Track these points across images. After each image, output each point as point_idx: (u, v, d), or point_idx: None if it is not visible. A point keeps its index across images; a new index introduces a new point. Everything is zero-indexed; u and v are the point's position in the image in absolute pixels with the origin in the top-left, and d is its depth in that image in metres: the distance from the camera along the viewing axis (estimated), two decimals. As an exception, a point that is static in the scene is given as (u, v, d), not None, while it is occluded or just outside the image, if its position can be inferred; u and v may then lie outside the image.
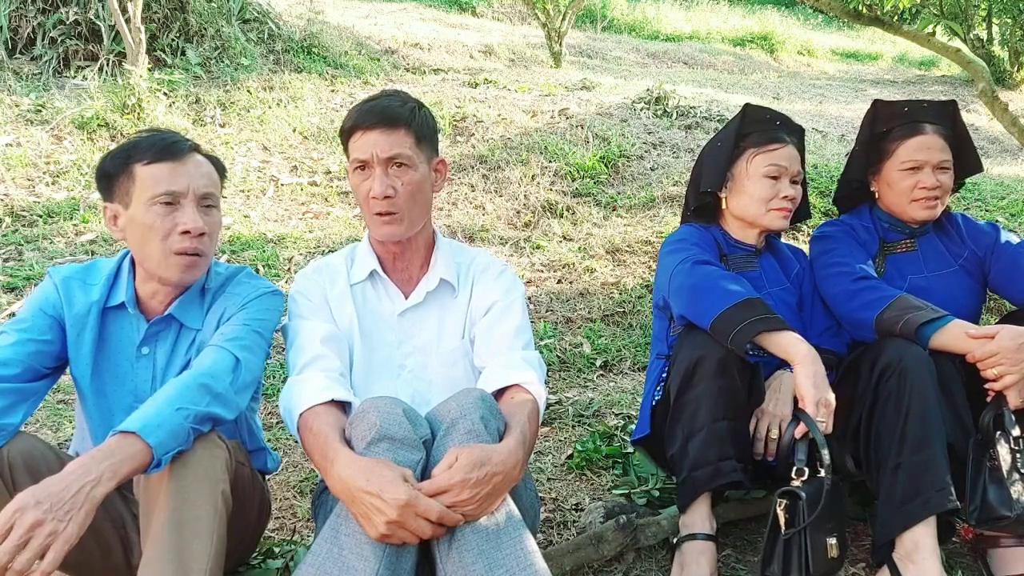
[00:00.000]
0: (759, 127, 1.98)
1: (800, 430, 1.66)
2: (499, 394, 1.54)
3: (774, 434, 1.79)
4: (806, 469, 1.65)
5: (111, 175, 1.55)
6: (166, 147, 1.53)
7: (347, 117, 1.65)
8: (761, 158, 1.94)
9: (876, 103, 2.10)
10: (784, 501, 1.63)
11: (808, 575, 1.59)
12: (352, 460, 1.32)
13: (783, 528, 1.61)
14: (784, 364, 1.78)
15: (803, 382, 1.64)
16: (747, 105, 2.03)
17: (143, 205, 1.51)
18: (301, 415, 1.46)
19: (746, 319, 1.68)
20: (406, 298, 1.71)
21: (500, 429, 1.42)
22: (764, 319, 1.69)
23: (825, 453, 1.61)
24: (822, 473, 1.64)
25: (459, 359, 1.70)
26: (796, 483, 1.64)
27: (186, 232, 1.51)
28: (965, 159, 2.06)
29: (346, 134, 1.65)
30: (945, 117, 2.04)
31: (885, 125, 2.06)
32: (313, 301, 1.68)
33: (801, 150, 2.02)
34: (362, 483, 1.27)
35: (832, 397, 1.66)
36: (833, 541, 1.62)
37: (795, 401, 1.70)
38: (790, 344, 1.68)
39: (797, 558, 1.60)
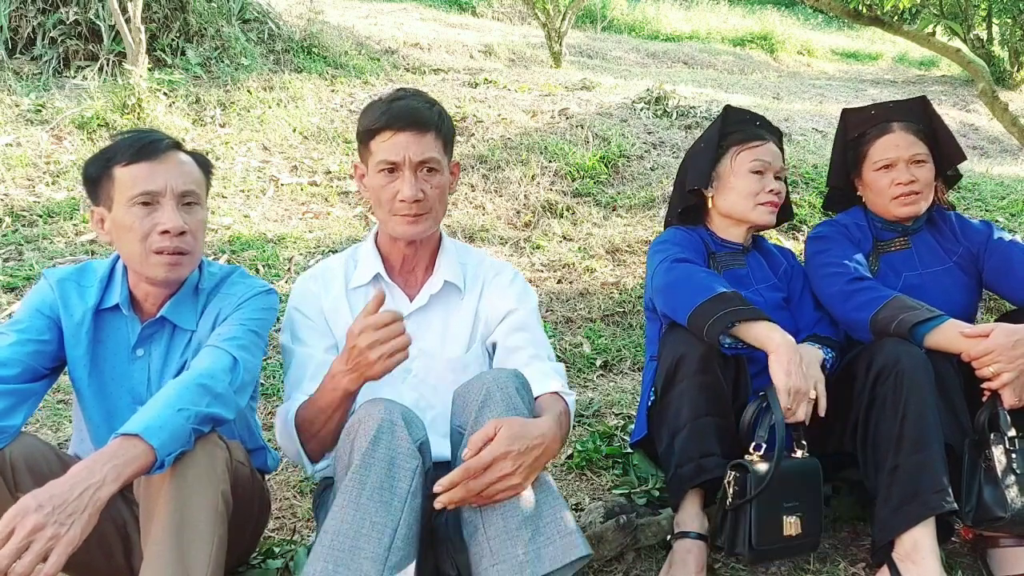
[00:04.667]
0: (740, 127, 2.03)
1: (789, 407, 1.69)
2: None
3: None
4: (764, 445, 1.70)
5: (94, 179, 1.55)
6: (143, 147, 1.52)
7: (371, 116, 1.62)
8: (745, 154, 1.98)
9: (844, 112, 2.18)
10: (735, 473, 1.68)
11: (751, 547, 1.65)
12: (337, 363, 1.45)
13: (730, 500, 1.68)
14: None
15: (776, 370, 1.67)
16: (727, 106, 2.08)
17: (123, 206, 1.51)
18: (297, 419, 1.51)
19: (720, 311, 1.71)
20: (410, 301, 1.71)
21: (531, 406, 1.44)
22: (738, 310, 1.71)
23: (782, 437, 1.65)
24: (793, 455, 1.72)
25: (470, 364, 1.69)
26: (751, 458, 1.69)
27: (165, 232, 1.51)
28: (945, 150, 2.09)
29: (371, 134, 1.62)
30: (915, 114, 2.08)
31: (856, 131, 2.12)
32: (310, 318, 1.67)
33: (781, 150, 2.06)
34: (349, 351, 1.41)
35: (805, 386, 1.68)
36: (792, 519, 1.68)
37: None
38: (765, 334, 1.71)
39: (743, 530, 1.66)
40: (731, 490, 1.68)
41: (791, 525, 1.68)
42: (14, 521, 1.15)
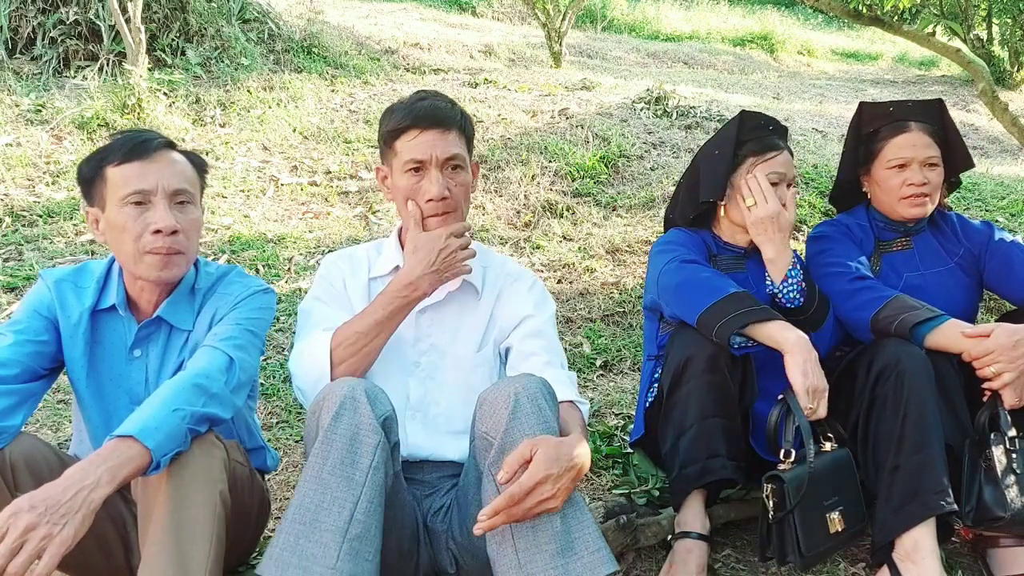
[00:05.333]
0: (755, 134, 1.97)
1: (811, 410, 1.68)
2: None
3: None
4: (793, 451, 1.69)
5: (88, 179, 1.55)
6: (135, 146, 1.52)
7: (394, 118, 1.65)
8: (762, 167, 1.93)
9: (862, 105, 2.14)
10: (771, 485, 1.67)
11: (802, 555, 1.63)
12: (402, 277, 1.58)
13: (771, 512, 1.66)
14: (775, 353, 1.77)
15: (793, 370, 1.66)
16: (743, 112, 2.02)
17: (116, 206, 1.51)
18: (332, 342, 1.55)
19: (732, 311, 1.70)
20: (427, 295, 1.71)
21: (558, 416, 1.45)
22: (751, 310, 1.70)
23: (809, 439, 1.65)
24: (823, 449, 1.71)
25: (480, 365, 1.70)
26: (783, 466, 1.68)
27: (158, 232, 1.50)
28: (955, 155, 2.08)
29: (396, 134, 1.64)
30: (931, 115, 2.06)
31: (871, 126, 2.09)
32: (335, 287, 1.72)
33: (790, 152, 2.04)
34: (425, 265, 1.57)
35: (824, 384, 1.68)
36: (835, 515, 1.68)
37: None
38: (779, 333, 1.70)
39: (791, 539, 1.65)
40: (771, 503, 1.66)
41: (835, 522, 1.68)
42: (7, 521, 1.15)
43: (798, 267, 1.90)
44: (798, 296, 1.87)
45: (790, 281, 1.87)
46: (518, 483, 1.30)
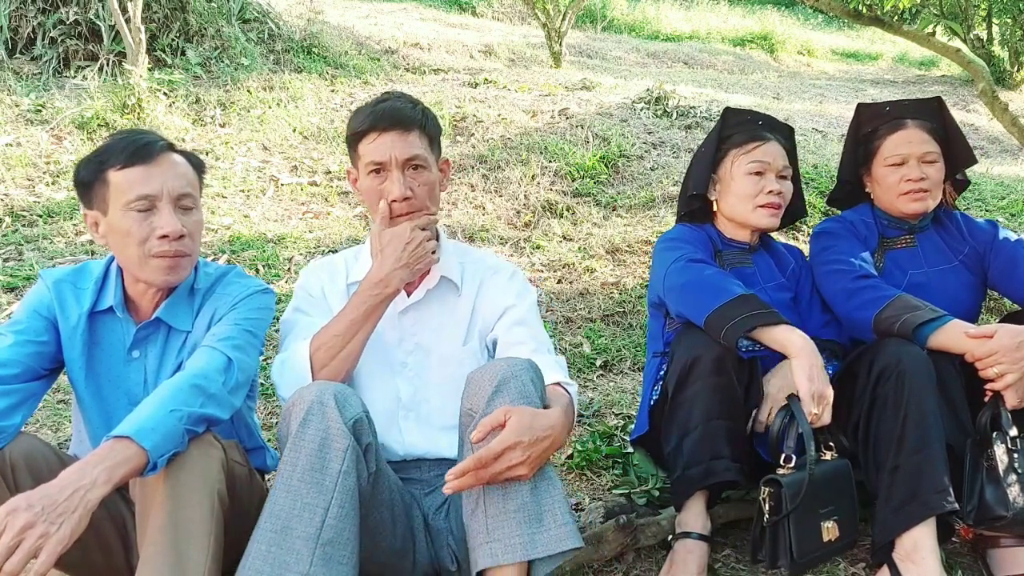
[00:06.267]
0: (740, 128, 2.01)
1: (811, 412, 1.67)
2: None
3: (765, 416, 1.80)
4: (793, 456, 1.68)
5: (87, 182, 1.53)
6: (137, 150, 1.50)
7: (356, 121, 1.66)
8: (744, 157, 1.97)
9: (859, 106, 2.16)
10: (768, 489, 1.66)
11: (794, 560, 1.63)
12: (373, 274, 1.58)
13: (767, 516, 1.65)
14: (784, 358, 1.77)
15: (799, 375, 1.65)
16: (727, 109, 2.07)
17: (119, 211, 1.49)
18: (311, 348, 1.55)
19: (739, 314, 1.69)
20: (408, 296, 1.71)
21: (544, 396, 1.45)
22: (758, 314, 1.70)
23: (811, 445, 1.64)
24: (822, 458, 1.70)
25: (466, 360, 1.70)
26: (782, 471, 1.67)
27: (164, 236, 1.49)
28: (956, 152, 2.08)
29: (358, 137, 1.65)
30: (929, 112, 2.07)
31: (869, 126, 2.11)
32: (313, 296, 1.72)
33: (790, 148, 2.04)
34: (392, 262, 1.58)
35: (829, 390, 1.67)
36: (829, 524, 1.67)
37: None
38: (786, 337, 1.69)
39: (784, 543, 1.64)
40: (767, 506, 1.66)
41: (829, 530, 1.68)
42: (4, 520, 1.15)
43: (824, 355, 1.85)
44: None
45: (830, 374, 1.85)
46: (487, 447, 1.32)
